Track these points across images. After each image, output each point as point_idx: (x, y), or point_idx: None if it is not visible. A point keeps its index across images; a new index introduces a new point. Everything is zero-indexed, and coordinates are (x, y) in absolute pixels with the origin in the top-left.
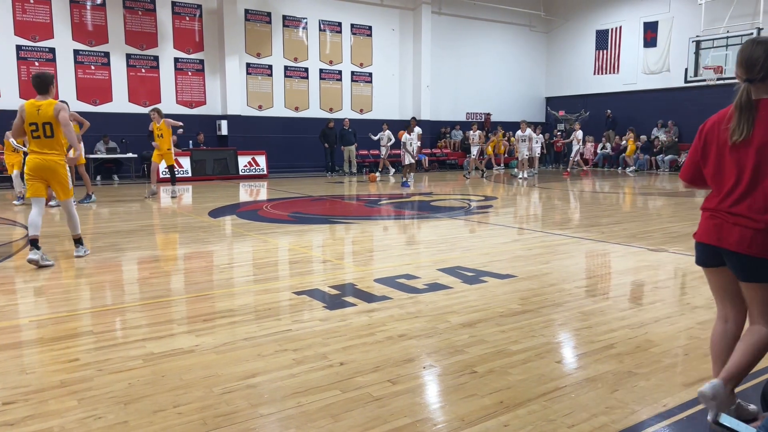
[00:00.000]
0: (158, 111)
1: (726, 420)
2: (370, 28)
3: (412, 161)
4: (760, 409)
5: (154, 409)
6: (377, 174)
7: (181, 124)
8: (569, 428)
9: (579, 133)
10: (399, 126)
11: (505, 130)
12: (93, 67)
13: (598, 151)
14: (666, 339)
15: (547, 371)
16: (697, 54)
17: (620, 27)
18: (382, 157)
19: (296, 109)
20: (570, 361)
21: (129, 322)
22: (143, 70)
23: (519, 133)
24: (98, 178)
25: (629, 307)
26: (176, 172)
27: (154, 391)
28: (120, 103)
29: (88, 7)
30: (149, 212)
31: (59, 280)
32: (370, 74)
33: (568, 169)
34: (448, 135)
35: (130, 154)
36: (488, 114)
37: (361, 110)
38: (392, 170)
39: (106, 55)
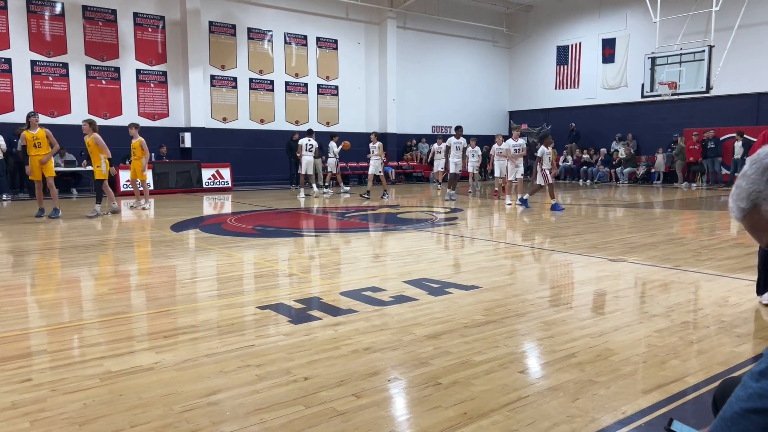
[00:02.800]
0: (90, 123)
1: (677, 426)
2: (335, 41)
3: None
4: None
5: (110, 429)
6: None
7: (107, 154)
8: None
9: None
10: (364, 138)
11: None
12: (51, 78)
13: (560, 163)
14: (625, 347)
15: (510, 381)
16: (652, 70)
17: (580, 43)
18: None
19: (261, 121)
20: (532, 371)
21: (86, 340)
22: (104, 82)
23: (495, 146)
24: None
25: (590, 317)
26: (109, 189)
27: (111, 411)
28: (79, 114)
29: (46, 17)
30: (109, 226)
31: (12, 297)
32: (336, 87)
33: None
34: (414, 148)
35: (89, 167)
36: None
37: (328, 123)
38: (344, 187)
39: (65, 66)
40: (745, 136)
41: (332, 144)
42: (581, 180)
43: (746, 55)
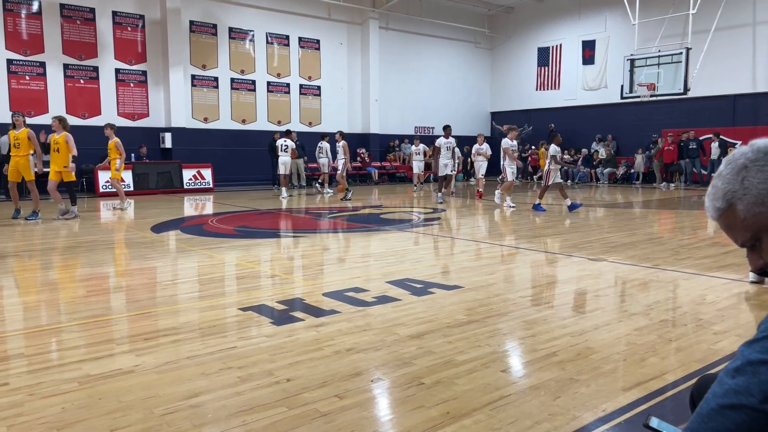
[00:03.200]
0: (60, 120)
1: (655, 423)
2: (318, 41)
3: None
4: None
5: None
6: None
7: (74, 153)
8: None
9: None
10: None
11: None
12: (28, 78)
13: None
14: (605, 346)
15: (493, 380)
16: (631, 71)
17: (560, 45)
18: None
19: (243, 121)
20: (514, 370)
21: (64, 343)
22: (82, 81)
23: (476, 146)
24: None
25: (571, 316)
26: (76, 190)
27: (90, 415)
28: (57, 114)
29: (23, 16)
30: (87, 228)
31: None
32: (319, 87)
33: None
34: (397, 148)
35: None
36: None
37: (310, 123)
38: (328, 189)
39: (42, 65)
40: (721, 137)
41: (324, 144)
42: (561, 180)
43: (722, 58)
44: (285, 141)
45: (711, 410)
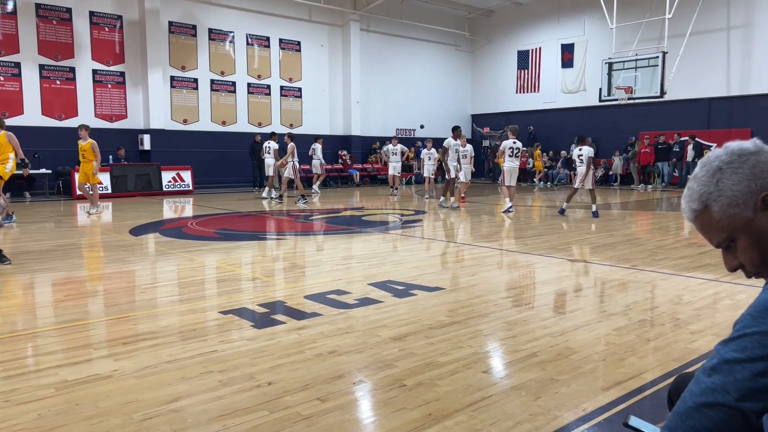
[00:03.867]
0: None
1: (634, 422)
2: (298, 43)
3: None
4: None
5: None
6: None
7: (23, 158)
8: None
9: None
10: (329, 141)
11: (435, 146)
12: (2, 78)
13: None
14: (585, 346)
15: (474, 381)
16: (609, 75)
17: (540, 48)
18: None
19: (223, 123)
20: (496, 371)
21: (41, 348)
22: (58, 82)
23: (459, 149)
24: (8, 195)
25: (551, 316)
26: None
27: (67, 421)
28: (32, 115)
29: None
30: (64, 231)
31: None
32: (300, 89)
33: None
34: (378, 150)
35: (43, 170)
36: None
37: (291, 125)
38: (315, 190)
39: (17, 65)
40: (697, 139)
41: (272, 144)
42: (541, 182)
43: (697, 61)
44: (269, 143)
45: (688, 408)
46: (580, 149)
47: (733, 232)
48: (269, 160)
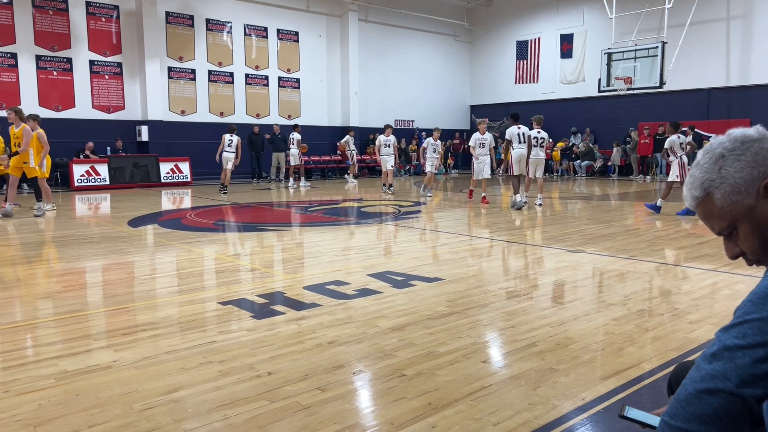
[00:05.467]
0: (17, 112)
1: (631, 413)
2: (296, 33)
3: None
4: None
5: (67, 430)
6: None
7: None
8: (495, 426)
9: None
10: (326, 132)
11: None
12: None
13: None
14: (584, 336)
15: (474, 371)
16: (608, 65)
17: (539, 38)
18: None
19: (221, 114)
20: (495, 361)
21: (40, 339)
22: (55, 73)
23: (477, 135)
24: (5, 187)
25: (550, 306)
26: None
27: (67, 411)
28: (29, 106)
29: None
30: (62, 222)
31: None
32: (298, 80)
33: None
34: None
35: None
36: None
37: (289, 116)
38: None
39: (14, 56)
40: (696, 130)
41: (233, 137)
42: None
43: (697, 51)
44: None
45: (689, 395)
46: (538, 131)
47: (734, 219)
48: (294, 150)
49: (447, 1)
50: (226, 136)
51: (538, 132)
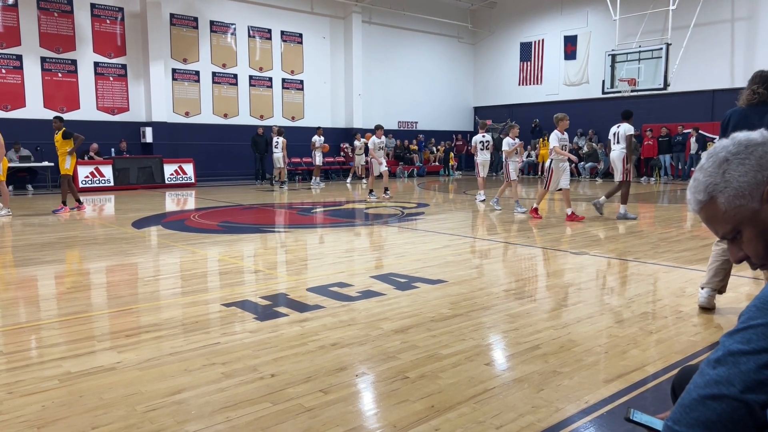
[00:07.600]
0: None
1: (636, 416)
2: (300, 35)
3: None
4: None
5: (70, 431)
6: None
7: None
8: (497, 429)
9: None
10: (329, 133)
11: (437, 139)
12: (4, 71)
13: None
14: (587, 338)
15: (477, 374)
16: (612, 67)
17: (542, 40)
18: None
19: (225, 115)
20: (498, 363)
21: (44, 341)
22: (60, 75)
23: (509, 140)
24: (11, 188)
25: (553, 309)
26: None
27: (71, 413)
28: (34, 108)
29: None
30: (66, 224)
31: None
32: (302, 81)
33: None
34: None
35: (45, 163)
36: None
37: (293, 117)
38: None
39: (19, 58)
40: (700, 131)
41: (279, 139)
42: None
43: (701, 53)
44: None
45: (693, 401)
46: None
47: (738, 223)
48: (278, 154)
49: (451, 2)
50: (274, 138)
51: (483, 136)
